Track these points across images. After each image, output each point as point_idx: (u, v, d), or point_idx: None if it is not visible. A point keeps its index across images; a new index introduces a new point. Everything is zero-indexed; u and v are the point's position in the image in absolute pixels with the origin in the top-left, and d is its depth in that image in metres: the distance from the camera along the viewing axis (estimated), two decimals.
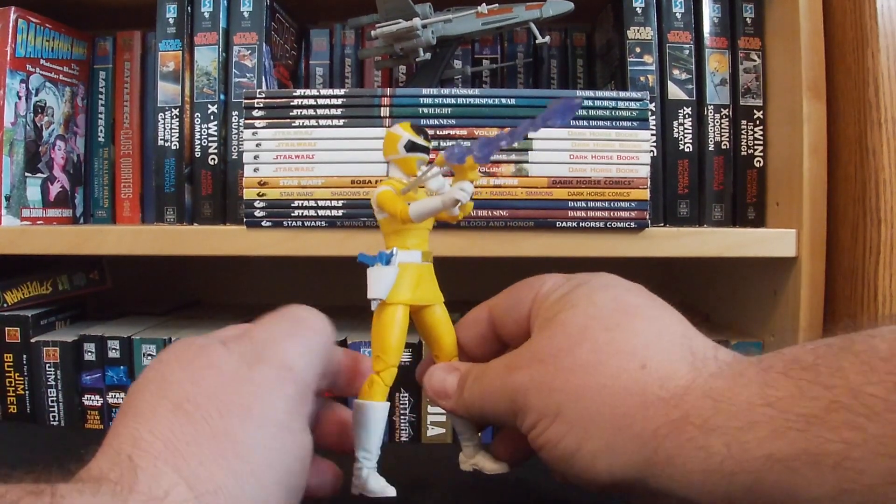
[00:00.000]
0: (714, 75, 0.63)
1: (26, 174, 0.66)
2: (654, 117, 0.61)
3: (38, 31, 0.67)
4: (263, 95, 0.56)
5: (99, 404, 0.62)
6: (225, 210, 0.64)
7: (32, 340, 0.62)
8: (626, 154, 0.55)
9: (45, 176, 0.69)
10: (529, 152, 0.55)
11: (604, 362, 0.28)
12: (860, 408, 0.22)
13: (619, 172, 0.55)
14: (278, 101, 0.56)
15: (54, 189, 0.70)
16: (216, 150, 0.63)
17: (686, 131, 0.62)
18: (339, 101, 0.55)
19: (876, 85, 0.52)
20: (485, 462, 0.36)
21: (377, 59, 0.71)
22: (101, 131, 0.74)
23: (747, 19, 0.63)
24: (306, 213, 0.55)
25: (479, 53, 0.73)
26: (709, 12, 0.63)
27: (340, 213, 0.55)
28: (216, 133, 0.63)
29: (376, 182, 0.54)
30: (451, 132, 0.55)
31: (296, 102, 0.55)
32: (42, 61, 0.67)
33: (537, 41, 0.62)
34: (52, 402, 0.63)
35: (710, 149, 0.63)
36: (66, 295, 0.71)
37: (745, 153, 0.63)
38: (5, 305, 0.64)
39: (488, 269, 0.72)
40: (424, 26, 0.61)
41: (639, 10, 0.62)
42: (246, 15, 0.63)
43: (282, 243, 0.56)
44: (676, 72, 0.62)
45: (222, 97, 0.64)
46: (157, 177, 0.64)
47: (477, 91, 0.56)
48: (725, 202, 0.63)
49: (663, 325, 0.29)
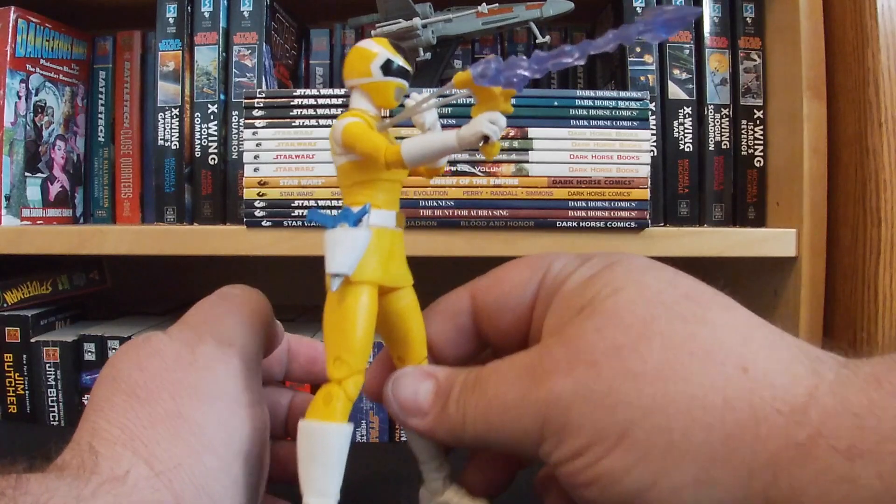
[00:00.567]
0: (714, 75, 0.63)
1: (26, 174, 0.66)
2: (654, 117, 0.61)
3: (38, 30, 0.67)
4: (263, 95, 0.56)
5: None
6: (225, 210, 0.64)
7: (32, 340, 0.62)
8: (627, 154, 0.55)
9: (45, 176, 0.69)
10: (530, 152, 0.55)
11: (687, 364, 0.21)
12: None
13: (620, 172, 0.55)
14: (278, 100, 0.56)
15: (54, 189, 0.70)
16: (216, 150, 0.63)
17: (686, 131, 0.62)
18: (339, 101, 0.55)
19: (876, 85, 0.52)
20: (458, 499, 0.28)
21: None
22: (101, 131, 0.74)
23: (747, 19, 0.63)
24: (306, 212, 0.55)
25: (480, 53, 0.73)
26: (709, 12, 0.63)
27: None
28: (216, 133, 0.63)
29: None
30: None
31: (296, 102, 0.55)
32: (42, 61, 0.67)
33: (537, 41, 0.62)
34: (52, 402, 0.62)
35: (710, 148, 0.63)
36: (66, 295, 0.71)
37: (745, 153, 0.63)
38: (5, 305, 0.64)
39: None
40: (424, 26, 0.61)
41: (639, 10, 0.62)
42: (246, 15, 0.63)
43: (282, 243, 0.56)
44: (676, 71, 0.62)
45: (222, 97, 0.64)
46: (157, 177, 0.64)
47: None
48: (725, 202, 0.63)
49: (749, 316, 0.23)
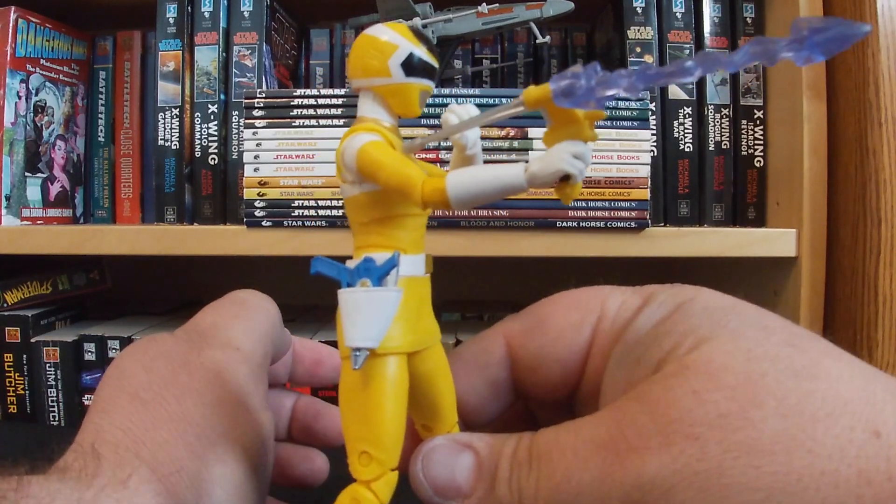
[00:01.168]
0: (714, 75, 0.63)
1: (26, 174, 0.66)
2: (654, 117, 0.61)
3: (38, 30, 0.67)
4: (263, 95, 0.56)
5: None
6: (225, 210, 0.64)
7: (32, 340, 0.62)
8: (627, 154, 0.55)
9: (45, 176, 0.69)
10: (529, 152, 0.55)
11: (809, 432, 0.17)
12: None
13: (620, 172, 0.55)
14: (278, 100, 0.56)
15: (54, 189, 0.70)
16: (216, 150, 0.63)
17: (686, 131, 0.62)
18: (339, 101, 0.55)
19: (876, 85, 0.52)
20: None
21: None
22: (101, 131, 0.74)
23: (747, 19, 0.63)
24: (306, 212, 0.55)
25: (480, 53, 0.73)
26: (709, 12, 0.63)
27: (341, 212, 0.55)
28: (216, 133, 0.63)
29: None
30: None
31: (296, 102, 0.55)
32: (42, 61, 0.67)
33: (538, 41, 0.62)
34: (52, 401, 0.63)
35: (710, 148, 0.63)
36: (66, 295, 0.71)
37: (745, 153, 0.63)
38: (5, 305, 0.64)
39: (488, 269, 0.72)
40: (425, 26, 0.61)
41: (639, 10, 0.62)
42: (246, 15, 0.63)
43: (282, 243, 0.56)
44: None
45: (222, 97, 0.64)
46: (158, 177, 0.64)
47: (477, 91, 0.56)
48: (726, 202, 0.63)
49: (861, 364, 0.19)
